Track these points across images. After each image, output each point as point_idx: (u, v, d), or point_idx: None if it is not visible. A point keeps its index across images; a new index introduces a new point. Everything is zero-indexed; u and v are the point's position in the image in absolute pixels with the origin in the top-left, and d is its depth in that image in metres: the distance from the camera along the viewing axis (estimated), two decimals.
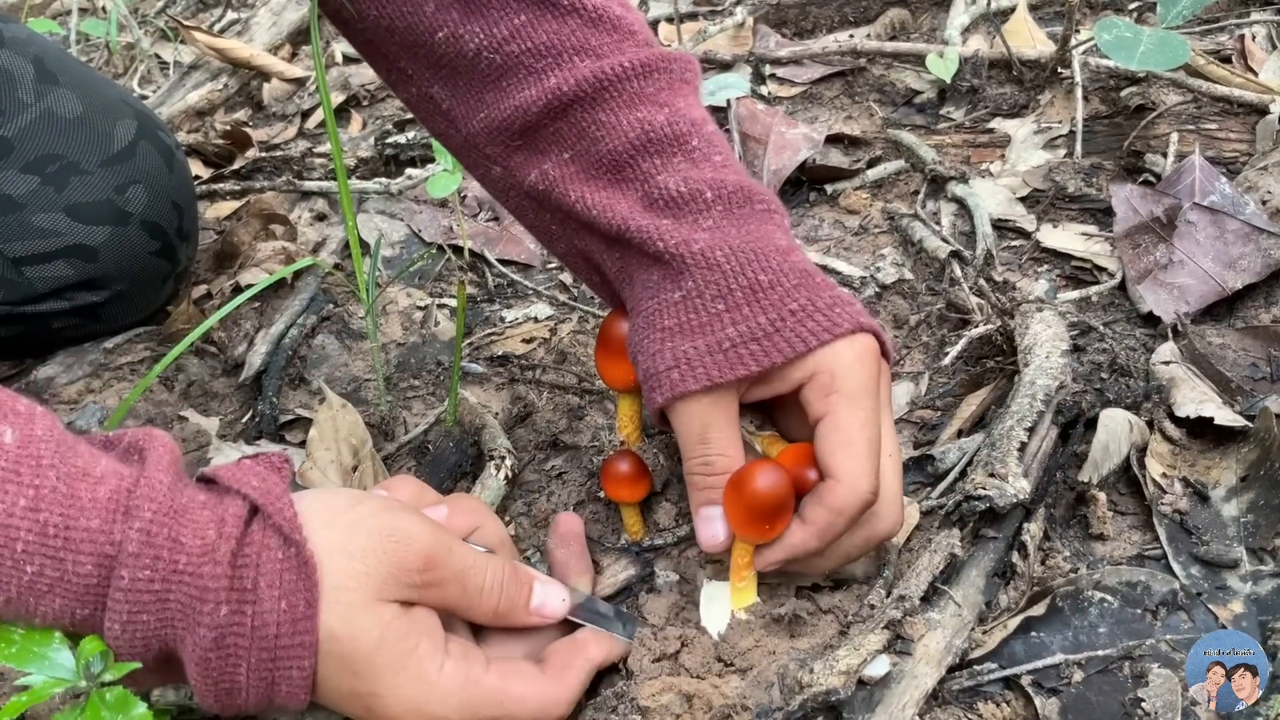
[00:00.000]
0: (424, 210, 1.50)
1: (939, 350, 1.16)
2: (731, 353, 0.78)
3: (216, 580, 0.67)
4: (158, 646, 0.68)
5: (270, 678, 0.69)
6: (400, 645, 0.72)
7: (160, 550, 0.67)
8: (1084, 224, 1.28)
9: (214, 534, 0.68)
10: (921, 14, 1.80)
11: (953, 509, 0.89)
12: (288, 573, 0.69)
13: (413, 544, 0.73)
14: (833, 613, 0.89)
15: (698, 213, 0.83)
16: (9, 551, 0.65)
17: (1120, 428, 0.98)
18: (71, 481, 0.67)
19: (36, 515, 0.65)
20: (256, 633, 0.68)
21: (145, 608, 0.67)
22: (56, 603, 0.66)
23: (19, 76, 1.20)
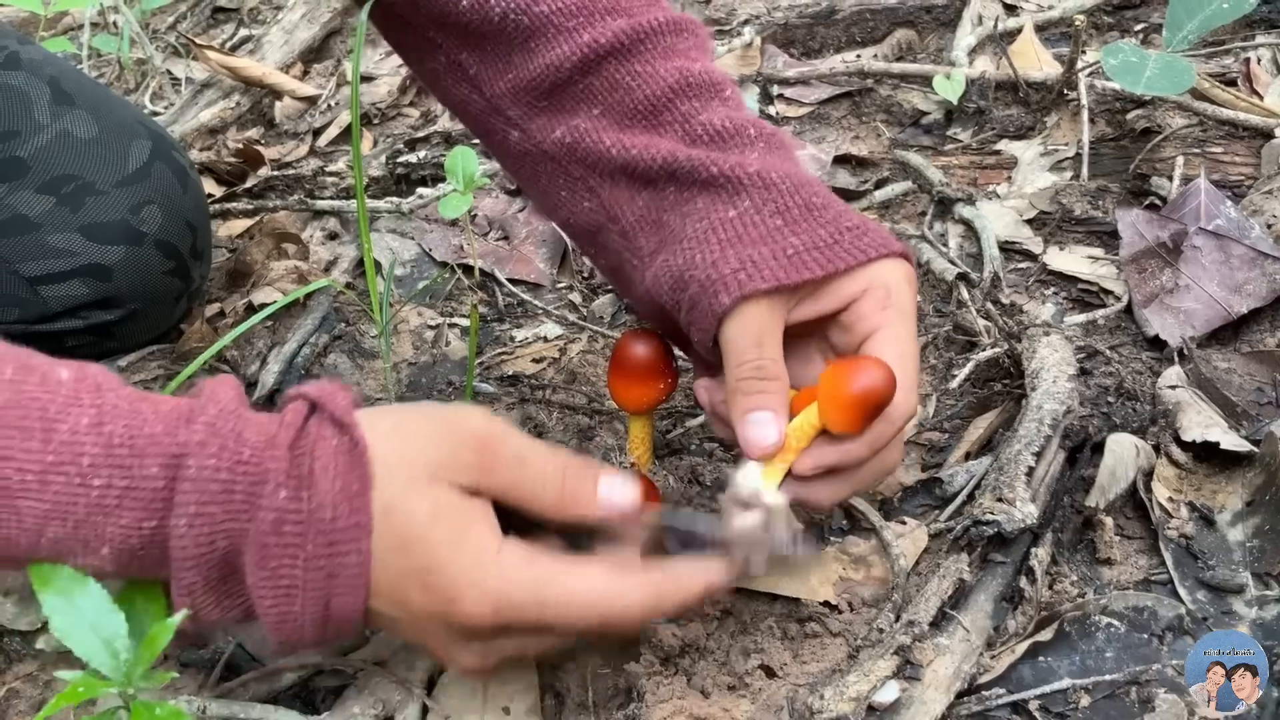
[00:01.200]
0: (435, 229, 1.51)
1: (946, 372, 1.17)
2: (796, 259, 0.78)
3: (277, 463, 0.68)
4: (223, 547, 0.69)
5: (328, 567, 0.69)
6: (456, 521, 0.71)
7: (226, 440, 0.68)
8: (1090, 246, 1.29)
9: (275, 429, 0.70)
10: (928, 35, 1.81)
11: (961, 534, 0.90)
12: (341, 455, 0.70)
13: (468, 424, 0.74)
14: (843, 635, 0.90)
15: (744, 145, 0.84)
16: (75, 468, 0.66)
17: (1127, 452, 0.99)
18: (133, 401, 0.69)
19: (100, 429, 0.67)
20: (313, 515, 0.68)
21: (212, 498, 0.68)
22: (125, 516, 0.67)
23: (35, 98, 1.22)
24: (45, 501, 0.66)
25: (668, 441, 1.12)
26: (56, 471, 0.66)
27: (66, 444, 0.66)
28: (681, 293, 0.81)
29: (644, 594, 0.74)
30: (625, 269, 0.90)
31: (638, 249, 0.87)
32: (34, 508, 0.66)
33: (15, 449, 0.66)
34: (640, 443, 1.00)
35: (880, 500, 1.05)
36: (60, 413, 0.67)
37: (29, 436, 0.66)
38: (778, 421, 0.77)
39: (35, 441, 0.66)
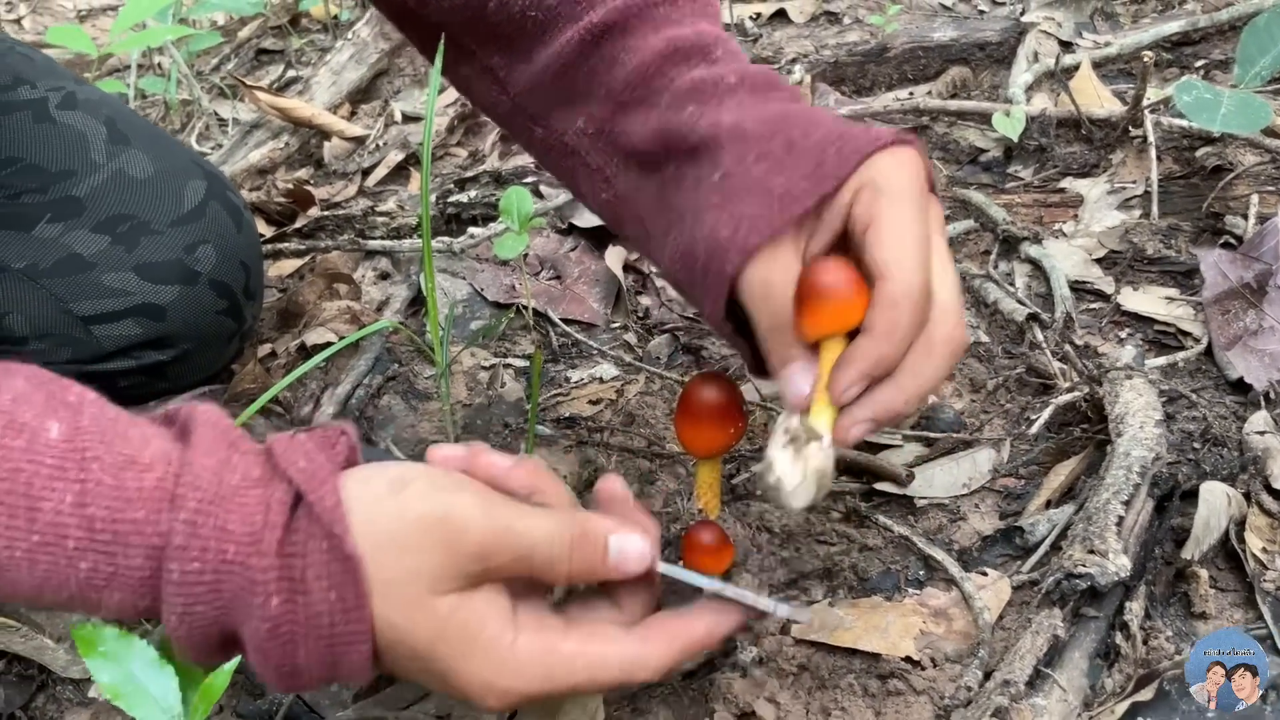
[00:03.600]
0: (486, 269, 1.49)
1: (1020, 416, 1.13)
2: (785, 199, 0.74)
3: (265, 573, 0.66)
4: (218, 632, 0.68)
5: (330, 659, 0.69)
6: (463, 633, 0.70)
7: (207, 541, 0.66)
8: (1165, 286, 1.25)
9: (260, 521, 0.67)
10: (982, 72, 1.79)
11: (1053, 587, 0.86)
12: (333, 564, 0.67)
13: (468, 532, 0.70)
14: (927, 694, 0.86)
15: (722, 94, 0.81)
16: (61, 550, 0.65)
17: (1219, 501, 0.95)
18: (118, 472, 0.66)
19: (84, 510, 0.65)
20: (310, 622, 0.67)
21: (199, 599, 0.66)
22: (116, 596, 0.66)
23: (92, 138, 1.21)
24: (36, 577, 0.66)
25: (732, 487, 1.09)
26: (43, 552, 0.65)
27: (50, 525, 0.65)
28: (693, 267, 0.79)
29: (660, 652, 0.74)
30: (647, 248, 0.90)
31: (654, 235, 0.85)
32: (25, 580, 0.66)
33: (0, 525, 0.65)
34: (708, 489, 0.97)
35: (958, 550, 1.01)
36: (44, 489, 0.65)
37: (14, 514, 0.65)
38: (808, 370, 0.74)
39: (20, 520, 0.65)
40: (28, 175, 1.17)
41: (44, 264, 1.14)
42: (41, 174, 1.17)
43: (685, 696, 0.90)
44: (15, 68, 1.23)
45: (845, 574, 0.98)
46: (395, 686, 0.90)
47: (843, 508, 1.05)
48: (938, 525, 1.04)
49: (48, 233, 1.15)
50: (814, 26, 2.06)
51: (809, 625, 0.86)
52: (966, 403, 1.17)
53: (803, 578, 0.98)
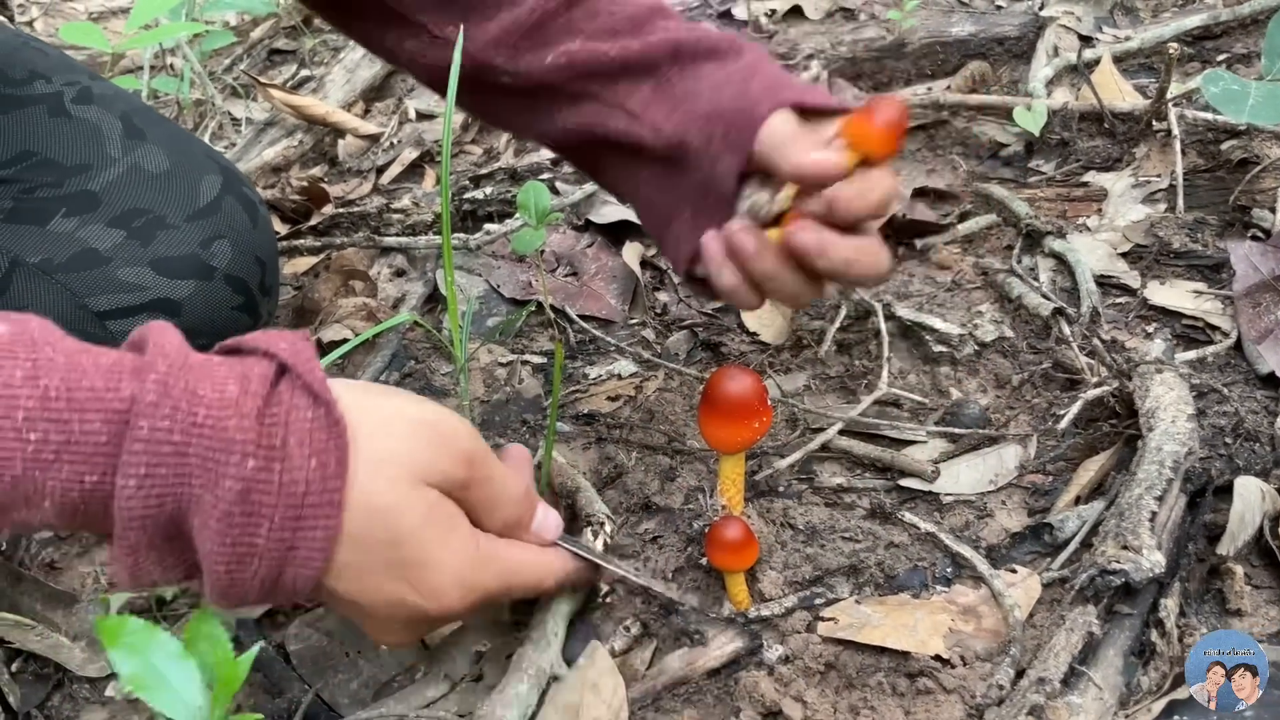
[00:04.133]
0: (502, 265, 1.48)
1: (1046, 412, 1.12)
2: (807, 92, 0.85)
3: (243, 433, 0.66)
4: (170, 509, 0.66)
5: (290, 540, 0.67)
6: (448, 521, 0.74)
7: (178, 401, 0.65)
8: (1192, 280, 1.23)
9: (236, 389, 0.67)
10: (1001, 67, 1.77)
11: (1086, 584, 0.84)
12: (318, 432, 0.68)
13: (458, 440, 0.75)
14: (958, 692, 0.84)
15: (730, 37, 0.92)
16: (9, 421, 0.62)
17: (1254, 496, 0.93)
18: (71, 354, 0.65)
19: (36, 382, 0.63)
20: (284, 489, 0.66)
21: (163, 460, 0.64)
22: (64, 470, 0.63)
23: (107, 132, 1.20)
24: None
25: (754, 483, 1.07)
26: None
27: (1, 397, 0.62)
28: (714, 124, 0.86)
29: (559, 562, 0.84)
30: (632, 149, 0.93)
31: (647, 121, 0.91)
32: None
33: None
34: (732, 484, 0.96)
35: (986, 547, 0.99)
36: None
37: None
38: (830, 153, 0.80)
39: None
40: (43, 169, 1.16)
41: (59, 258, 1.13)
42: (57, 168, 1.16)
43: (710, 695, 0.89)
44: (30, 62, 1.22)
45: (871, 571, 0.97)
46: (415, 684, 0.89)
47: (868, 504, 1.04)
48: (964, 522, 1.02)
49: (63, 227, 1.14)
50: (830, 23, 2.03)
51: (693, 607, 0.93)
52: (992, 399, 1.15)
53: (828, 574, 0.97)
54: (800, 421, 1.15)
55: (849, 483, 1.06)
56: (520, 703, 0.81)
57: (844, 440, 1.11)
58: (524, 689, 0.82)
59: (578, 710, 0.85)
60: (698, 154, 0.88)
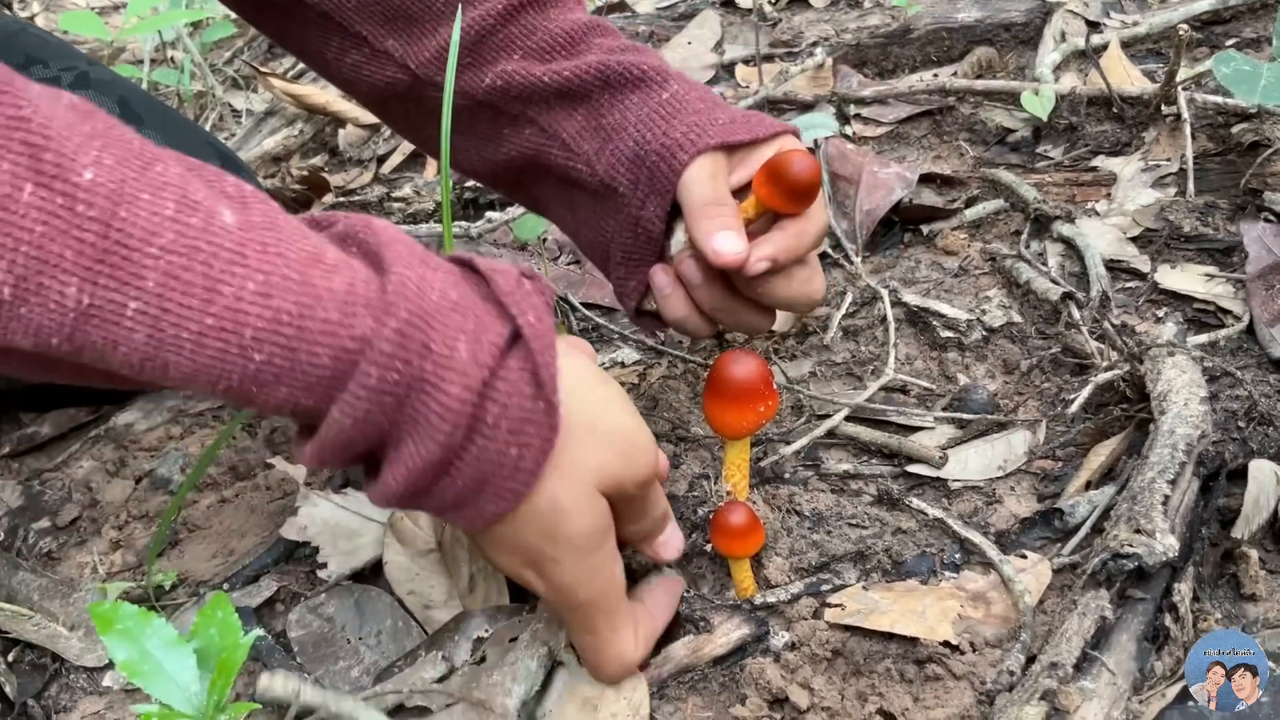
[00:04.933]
0: (504, 253, 1.47)
1: (1055, 397, 1.10)
2: (728, 127, 0.90)
3: (462, 404, 0.64)
4: (374, 442, 0.66)
5: (464, 501, 0.69)
6: (602, 535, 0.74)
7: (411, 355, 0.63)
8: (1203, 264, 1.21)
9: (466, 353, 0.65)
10: (1007, 53, 1.75)
11: (1099, 568, 0.83)
12: (530, 425, 0.67)
13: (645, 456, 0.75)
14: (967, 678, 0.83)
15: (659, 57, 0.96)
16: (236, 338, 0.60)
17: (1268, 479, 0.92)
18: (303, 269, 0.62)
19: (269, 301, 0.60)
20: (476, 468, 0.67)
21: (383, 409, 0.64)
22: (282, 391, 0.62)
23: None
24: (197, 362, 0.60)
25: (760, 469, 1.06)
26: (216, 336, 0.60)
27: (230, 309, 0.60)
28: (639, 169, 0.91)
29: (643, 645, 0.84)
30: (569, 181, 0.96)
31: (582, 154, 0.94)
32: (182, 365, 0.60)
33: (173, 300, 0.59)
34: (737, 469, 0.94)
35: (995, 533, 0.97)
36: (224, 272, 0.60)
37: (189, 293, 0.59)
38: (740, 237, 0.86)
39: (196, 300, 0.59)
40: None
41: None
42: None
43: (715, 682, 0.87)
44: (28, 47, 1.21)
45: (879, 557, 0.95)
46: (414, 665, 0.88)
47: (875, 490, 1.02)
48: (973, 508, 1.01)
49: None
50: (834, 10, 2.02)
51: None
52: (1000, 384, 1.14)
53: (834, 561, 0.95)
54: (806, 408, 1.14)
55: (856, 469, 1.05)
56: (529, 679, 0.80)
57: (850, 426, 1.09)
58: (533, 665, 0.81)
59: (597, 705, 0.84)
60: (626, 197, 0.92)
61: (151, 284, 0.58)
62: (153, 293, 0.58)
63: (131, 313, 0.58)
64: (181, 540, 1.10)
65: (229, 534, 1.09)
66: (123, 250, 0.58)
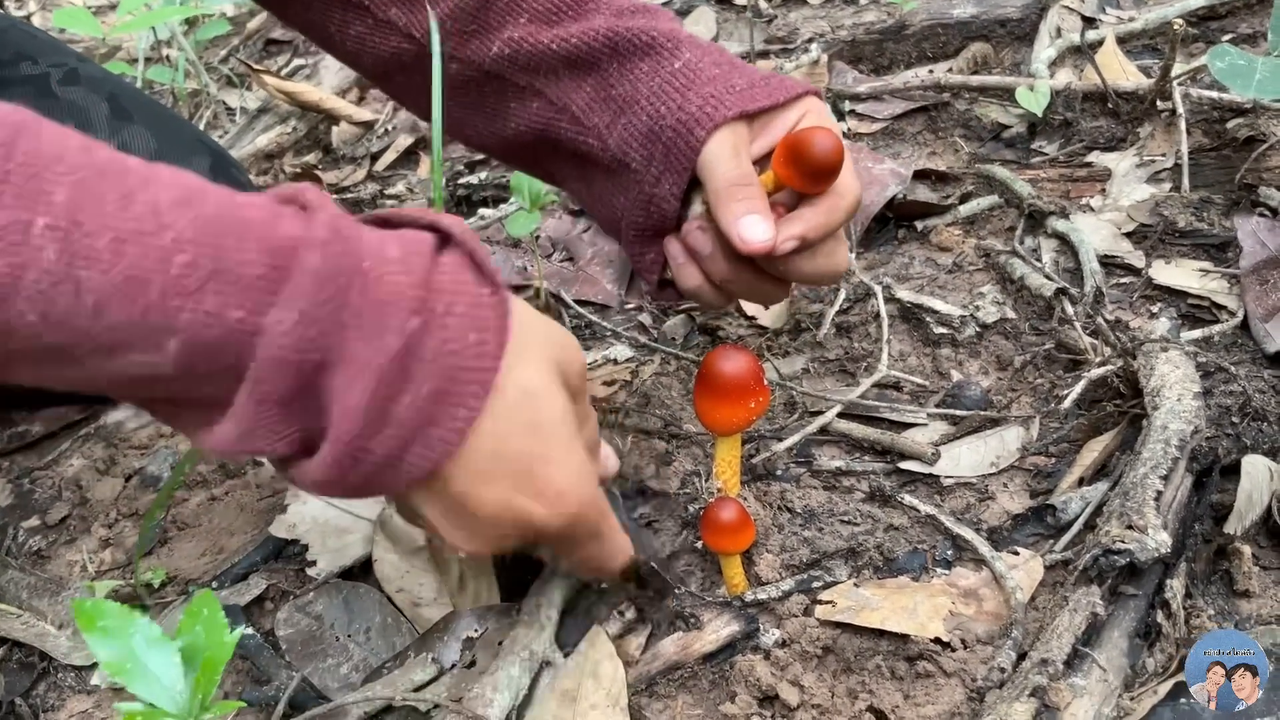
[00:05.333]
0: (497, 250, 1.46)
1: (1049, 393, 1.09)
2: (747, 93, 0.85)
3: (412, 289, 0.62)
4: (315, 360, 0.60)
5: (431, 414, 0.63)
6: (576, 424, 0.72)
7: (348, 244, 0.60)
8: (1198, 260, 1.21)
9: (397, 251, 0.62)
10: (1003, 48, 1.75)
11: (1090, 564, 0.82)
12: (482, 309, 0.65)
13: (577, 352, 0.75)
14: (958, 675, 0.82)
15: (670, 18, 0.92)
16: (155, 240, 0.55)
17: (1262, 475, 0.91)
18: (219, 191, 0.60)
19: (188, 205, 0.57)
20: (439, 359, 0.62)
21: (328, 299, 0.59)
22: (208, 300, 0.56)
23: (94, 114, 1.18)
24: (113, 274, 0.55)
25: (751, 466, 1.05)
26: (134, 241, 0.55)
27: (148, 213, 0.55)
28: (654, 144, 0.87)
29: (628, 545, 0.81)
30: (581, 156, 0.93)
31: (593, 128, 0.91)
32: (96, 281, 0.55)
33: (86, 212, 0.54)
34: (728, 466, 0.94)
35: (987, 529, 0.97)
36: (138, 187, 0.56)
37: (101, 201, 0.55)
38: (767, 221, 0.82)
39: (110, 206, 0.55)
40: None
41: None
42: None
43: (705, 680, 0.87)
44: (17, 43, 1.20)
45: (870, 554, 0.95)
46: (404, 667, 0.87)
47: (866, 486, 1.02)
48: (965, 505, 1.00)
49: None
50: (829, 6, 2.02)
51: None
52: (994, 380, 1.13)
53: (826, 558, 0.95)
54: (799, 405, 1.13)
55: (848, 466, 1.05)
56: (512, 685, 0.79)
57: (843, 423, 1.09)
58: (515, 671, 0.80)
59: (576, 696, 0.84)
60: (639, 173, 0.89)
61: (60, 199, 0.54)
62: (62, 206, 0.54)
63: (40, 229, 0.53)
64: (171, 538, 1.09)
65: (218, 532, 1.09)
66: (27, 170, 0.54)
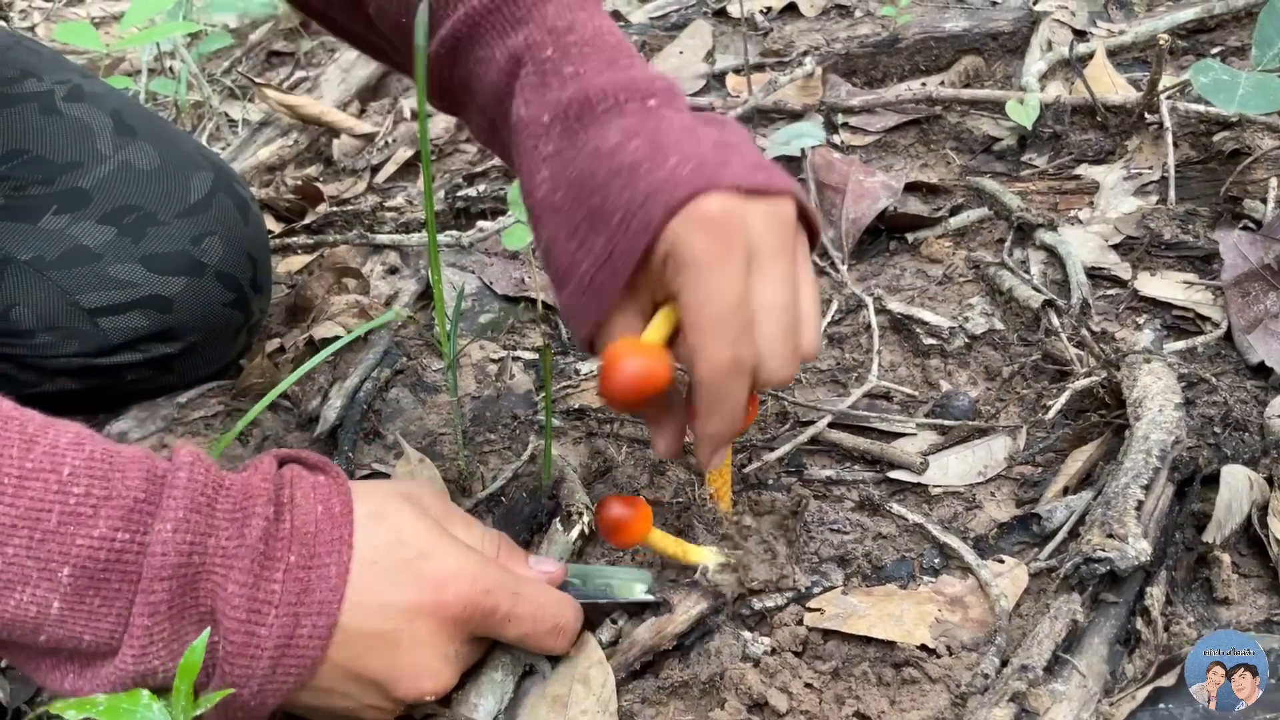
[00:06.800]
0: (495, 262, 1.48)
1: (1036, 403, 1.11)
2: (590, 291, 0.71)
3: (264, 485, 0.74)
4: (196, 564, 0.69)
5: (305, 580, 0.72)
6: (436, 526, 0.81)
7: (209, 470, 0.73)
8: (1183, 271, 1.23)
9: (249, 472, 0.76)
10: (995, 61, 1.77)
11: (1071, 572, 0.84)
12: (321, 488, 0.77)
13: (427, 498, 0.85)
14: (943, 681, 0.84)
15: (538, 138, 0.74)
16: (55, 475, 0.66)
17: (1241, 485, 0.93)
18: (109, 443, 0.71)
19: (81, 447, 0.68)
20: (296, 533, 0.73)
21: (198, 508, 0.70)
22: (100, 526, 0.66)
23: (98, 130, 1.21)
24: (17, 507, 0.65)
25: (743, 476, 1.07)
26: (34, 477, 0.66)
27: (47, 454, 0.67)
28: None
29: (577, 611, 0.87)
30: None
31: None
32: (3, 513, 0.65)
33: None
34: (719, 475, 0.96)
35: (974, 538, 0.99)
36: (39, 431, 0.68)
37: (8, 445, 0.66)
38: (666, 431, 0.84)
39: (14, 450, 0.66)
40: (34, 167, 1.16)
41: (50, 256, 1.14)
42: (48, 166, 1.17)
43: (696, 687, 0.88)
44: (22, 61, 1.22)
45: (859, 562, 0.97)
46: None
47: (856, 496, 1.04)
48: (953, 513, 1.02)
49: (54, 224, 1.15)
50: (825, 19, 2.04)
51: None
52: (982, 390, 1.15)
53: (816, 565, 0.97)
54: (790, 415, 1.15)
55: (838, 475, 1.06)
56: (495, 690, 0.81)
57: (834, 433, 1.11)
58: (499, 676, 0.82)
59: (566, 702, 0.85)
60: None
61: None
62: None
63: None
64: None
65: None
66: None
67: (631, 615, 0.92)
